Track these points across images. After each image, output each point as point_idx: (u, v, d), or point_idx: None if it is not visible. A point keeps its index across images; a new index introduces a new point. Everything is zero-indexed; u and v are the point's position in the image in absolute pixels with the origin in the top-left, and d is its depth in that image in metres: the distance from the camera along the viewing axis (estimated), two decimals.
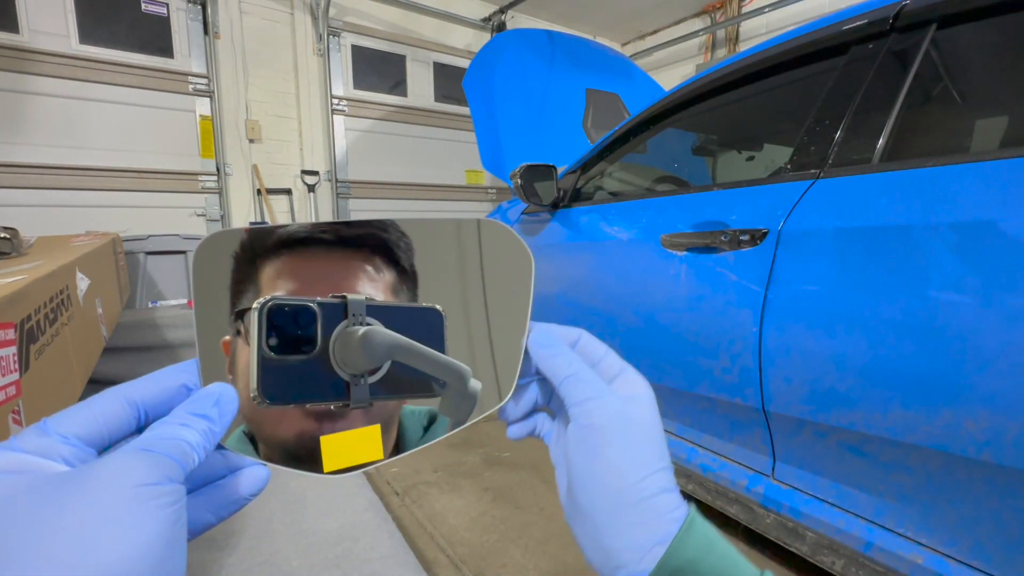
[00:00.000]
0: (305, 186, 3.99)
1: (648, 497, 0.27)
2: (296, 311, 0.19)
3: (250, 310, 0.20)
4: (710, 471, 1.18)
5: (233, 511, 0.25)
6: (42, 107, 3.04)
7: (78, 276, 1.16)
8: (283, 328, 0.20)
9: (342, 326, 0.20)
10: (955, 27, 0.89)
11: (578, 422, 0.28)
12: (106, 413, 0.22)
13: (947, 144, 0.97)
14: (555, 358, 0.30)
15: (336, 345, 0.20)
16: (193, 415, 0.23)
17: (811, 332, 0.89)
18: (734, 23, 4.47)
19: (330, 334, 0.20)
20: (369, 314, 0.21)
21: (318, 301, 0.20)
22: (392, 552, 1.16)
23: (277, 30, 3.83)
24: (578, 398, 0.28)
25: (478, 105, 2.42)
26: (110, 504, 0.18)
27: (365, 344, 0.20)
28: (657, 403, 0.31)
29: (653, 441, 0.29)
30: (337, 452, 0.23)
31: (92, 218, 3.16)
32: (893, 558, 0.85)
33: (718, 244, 1.07)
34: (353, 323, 0.20)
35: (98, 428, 0.21)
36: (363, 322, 0.20)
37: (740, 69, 1.23)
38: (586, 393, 0.28)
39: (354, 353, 0.20)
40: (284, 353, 0.20)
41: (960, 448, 0.73)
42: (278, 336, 0.20)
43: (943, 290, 0.74)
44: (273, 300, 0.20)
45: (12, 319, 0.69)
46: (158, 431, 0.22)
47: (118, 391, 0.23)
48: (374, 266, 0.23)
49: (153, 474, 0.19)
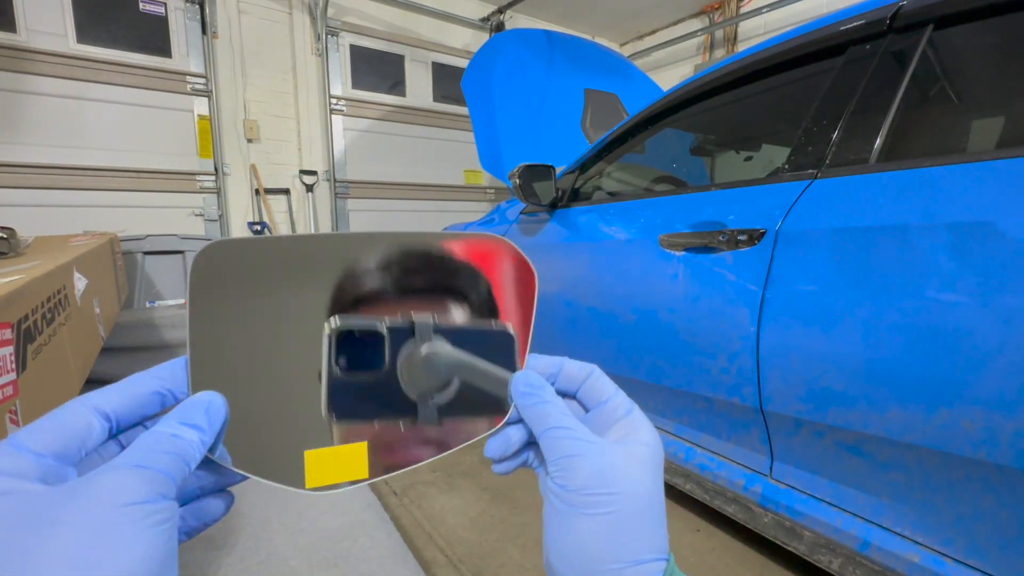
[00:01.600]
0: (303, 186, 3.99)
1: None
2: (365, 332, 0.20)
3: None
4: (708, 470, 1.18)
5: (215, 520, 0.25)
6: (40, 107, 3.03)
7: (76, 276, 1.16)
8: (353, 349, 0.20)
9: (410, 347, 0.21)
10: (952, 27, 0.90)
11: (555, 481, 0.25)
12: (77, 425, 0.21)
13: (944, 144, 0.98)
14: (536, 407, 0.27)
15: (403, 365, 0.21)
16: (183, 424, 0.22)
17: (809, 332, 0.90)
18: (732, 23, 4.48)
19: (397, 354, 0.21)
20: (436, 334, 0.21)
21: (387, 322, 0.20)
22: (390, 551, 1.16)
23: (275, 30, 3.82)
24: (558, 452, 0.25)
25: (477, 105, 2.42)
26: (104, 524, 0.17)
27: (428, 362, 0.21)
28: (663, 457, 0.27)
29: (643, 520, 0.24)
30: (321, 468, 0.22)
31: (90, 218, 3.16)
32: (890, 557, 0.85)
33: (716, 244, 1.08)
34: (420, 343, 0.21)
35: (70, 442, 0.20)
36: (432, 342, 0.21)
37: (738, 69, 1.23)
38: (567, 449, 0.25)
39: (419, 372, 0.21)
40: (352, 372, 0.20)
41: (957, 447, 0.74)
42: (347, 356, 0.20)
43: (940, 290, 0.74)
44: (343, 321, 0.20)
45: (9, 319, 0.69)
46: (149, 443, 0.20)
47: (86, 401, 0.22)
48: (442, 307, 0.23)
49: (146, 491, 0.19)
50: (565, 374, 0.29)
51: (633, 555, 0.23)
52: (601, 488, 0.24)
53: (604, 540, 0.23)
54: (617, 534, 0.23)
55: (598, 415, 0.28)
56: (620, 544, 0.23)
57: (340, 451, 0.22)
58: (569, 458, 0.25)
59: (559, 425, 0.26)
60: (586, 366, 0.29)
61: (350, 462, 0.23)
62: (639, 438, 0.27)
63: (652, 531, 0.24)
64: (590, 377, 0.29)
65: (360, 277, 0.22)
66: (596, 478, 0.24)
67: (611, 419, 0.28)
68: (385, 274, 0.22)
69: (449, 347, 0.21)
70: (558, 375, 0.29)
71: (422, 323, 0.21)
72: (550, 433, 0.26)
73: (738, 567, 1.20)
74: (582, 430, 0.26)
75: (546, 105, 2.44)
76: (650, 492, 0.25)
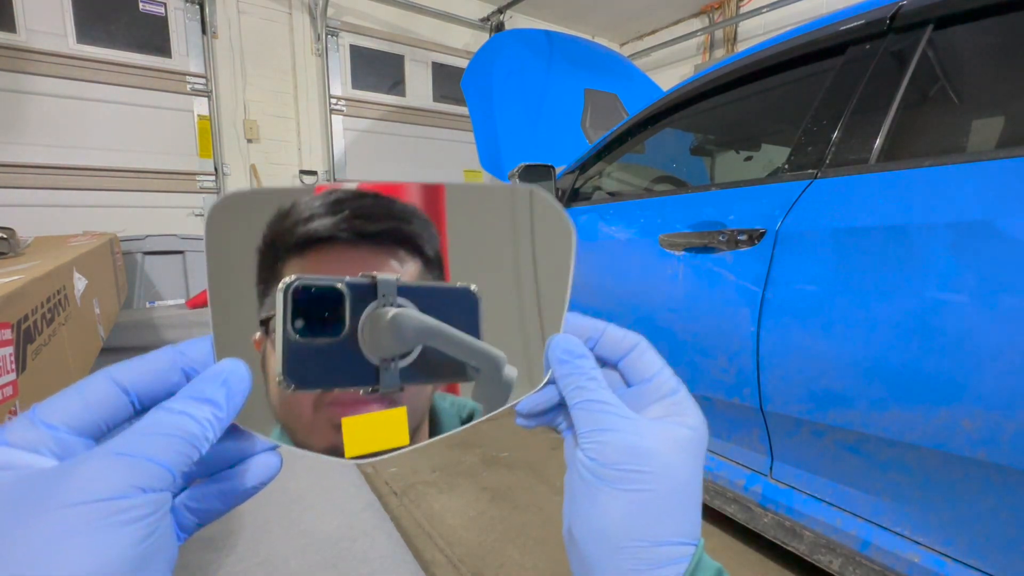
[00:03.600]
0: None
1: (649, 570, 0.22)
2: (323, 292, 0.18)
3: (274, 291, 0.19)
4: (708, 470, 1.18)
5: (244, 499, 0.23)
6: (39, 107, 3.03)
7: (75, 276, 1.16)
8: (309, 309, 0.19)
9: (371, 308, 0.19)
10: (952, 27, 0.90)
11: (586, 454, 0.24)
12: (98, 399, 0.20)
13: (944, 144, 0.97)
14: (572, 376, 0.25)
15: (365, 328, 0.19)
16: (196, 400, 0.20)
17: (809, 332, 0.90)
18: (732, 23, 4.48)
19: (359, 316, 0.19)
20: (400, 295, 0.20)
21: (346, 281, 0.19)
22: (390, 552, 1.16)
23: (275, 30, 3.82)
24: (589, 425, 0.24)
25: (476, 105, 2.42)
26: (63, 523, 0.16)
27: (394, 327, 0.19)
28: (707, 443, 0.26)
29: (675, 502, 0.23)
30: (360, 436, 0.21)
31: (89, 218, 3.15)
32: (890, 557, 0.85)
33: (716, 244, 1.08)
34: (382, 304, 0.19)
35: (91, 415, 0.19)
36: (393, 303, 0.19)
37: (738, 69, 1.23)
38: (601, 422, 0.24)
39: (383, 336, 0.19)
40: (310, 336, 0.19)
41: (957, 447, 0.74)
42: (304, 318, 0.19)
43: (940, 290, 0.74)
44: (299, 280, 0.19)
45: (9, 319, 0.69)
46: (146, 425, 0.19)
47: (108, 373, 0.20)
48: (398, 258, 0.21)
49: (118, 485, 0.17)
50: (607, 341, 0.27)
51: (660, 536, 0.23)
52: (634, 465, 0.23)
53: (633, 518, 0.23)
54: (646, 513, 0.23)
55: (641, 391, 0.27)
56: (648, 524, 0.23)
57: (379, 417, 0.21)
58: (603, 431, 0.24)
59: (596, 399, 0.25)
60: (632, 335, 0.27)
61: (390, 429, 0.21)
62: (683, 420, 0.25)
63: (683, 514, 0.24)
64: (635, 349, 0.27)
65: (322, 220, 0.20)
66: (630, 454, 0.23)
67: (654, 396, 0.26)
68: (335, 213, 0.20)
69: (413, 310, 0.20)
70: (599, 340, 0.27)
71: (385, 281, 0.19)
72: (585, 405, 0.25)
73: (738, 567, 1.20)
74: (619, 406, 0.25)
75: (546, 105, 2.44)
76: (686, 475, 0.24)
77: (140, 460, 0.18)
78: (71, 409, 0.19)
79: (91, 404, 0.20)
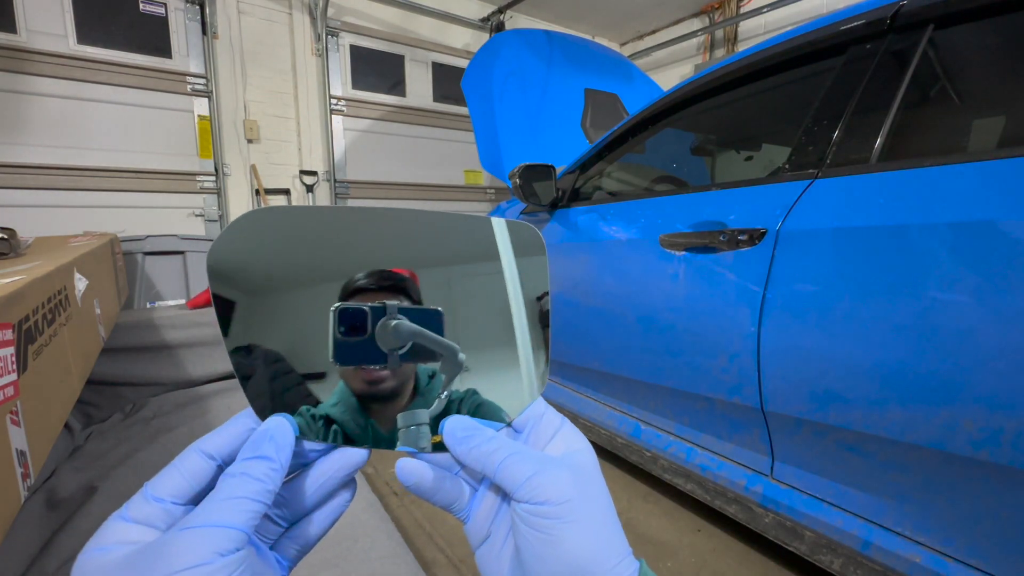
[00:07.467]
0: (303, 186, 3.99)
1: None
2: (356, 311, 0.31)
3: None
4: (709, 471, 1.18)
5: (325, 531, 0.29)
6: (40, 107, 3.03)
7: (76, 276, 1.16)
8: (348, 321, 0.31)
9: (383, 320, 0.31)
10: (953, 27, 0.90)
11: (529, 502, 0.25)
12: (191, 469, 0.25)
13: (945, 144, 0.97)
14: (479, 448, 0.27)
15: (379, 331, 0.31)
16: (251, 460, 0.24)
17: (809, 332, 0.90)
18: (732, 23, 4.48)
19: (375, 325, 0.31)
20: (399, 313, 0.32)
21: (368, 305, 0.31)
22: (391, 552, 1.16)
23: (275, 30, 3.82)
24: (522, 476, 0.25)
25: (477, 105, 2.42)
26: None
27: (395, 331, 0.31)
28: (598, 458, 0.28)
29: (613, 520, 0.26)
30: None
31: (90, 218, 3.16)
32: (891, 557, 0.85)
33: (716, 244, 1.08)
34: (389, 318, 0.31)
35: (188, 484, 0.24)
36: (395, 318, 0.31)
37: (738, 69, 1.23)
38: (531, 469, 0.26)
39: (389, 336, 0.31)
40: (348, 336, 0.31)
41: (958, 447, 0.74)
42: (345, 325, 0.31)
43: (940, 290, 0.74)
44: (341, 305, 0.31)
45: (10, 319, 0.69)
46: (220, 490, 0.23)
47: (196, 446, 0.25)
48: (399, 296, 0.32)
49: (202, 554, 0.21)
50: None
51: (616, 554, 0.25)
52: (574, 494, 0.25)
53: (590, 546, 0.24)
54: (599, 537, 0.25)
55: (535, 431, 0.30)
56: (604, 546, 0.25)
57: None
58: (536, 475, 0.25)
59: (511, 453, 0.26)
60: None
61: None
62: (580, 448, 0.28)
63: (619, 529, 0.26)
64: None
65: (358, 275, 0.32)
66: (568, 486, 0.25)
67: (546, 436, 0.29)
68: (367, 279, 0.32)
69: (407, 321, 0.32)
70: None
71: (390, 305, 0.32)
72: (507, 463, 0.26)
73: (739, 567, 1.20)
74: (532, 450, 0.27)
75: (546, 105, 2.43)
76: (606, 493, 0.27)
77: (214, 529, 0.22)
78: (172, 483, 0.24)
79: (187, 475, 0.25)
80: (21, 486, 0.67)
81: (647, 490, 1.55)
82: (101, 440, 1.62)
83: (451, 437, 0.28)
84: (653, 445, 1.33)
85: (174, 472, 0.24)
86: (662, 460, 1.31)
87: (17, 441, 0.67)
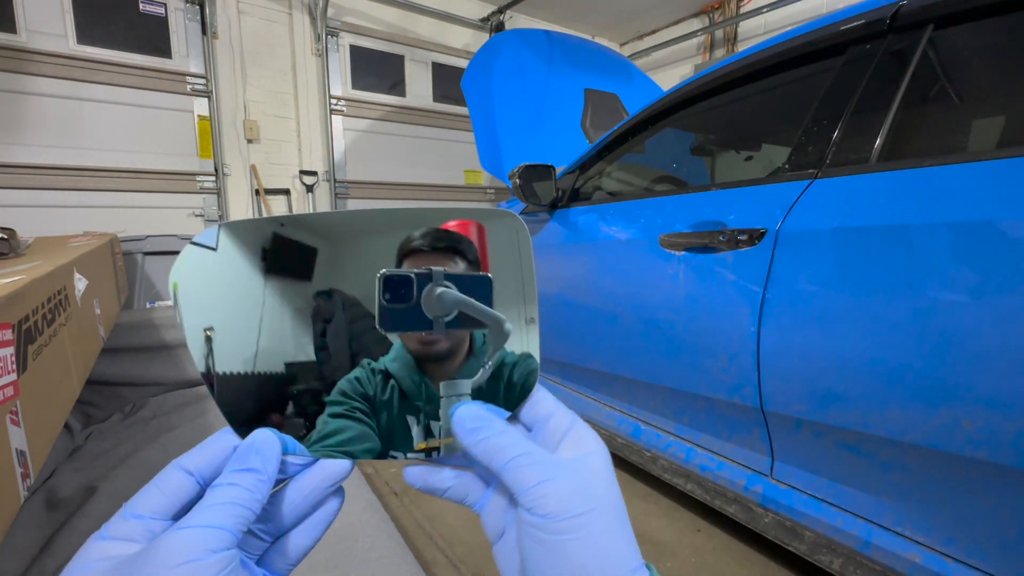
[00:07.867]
0: (303, 186, 3.99)
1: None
2: (401, 278, 0.31)
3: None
4: (709, 471, 1.18)
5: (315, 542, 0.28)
6: (40, 107, 3.03)
7: (76, 277, 1.16)
8: (393, 287, 0.31)
9: (428, 287, 0.31)
10: (952, 27, 0.90)
11: (532, 512, 0.24)
12: (171, 486, 0.25)
13: (944, 144, 0.97)
14: (488, 441, 0.26)
15: (424, 299, 0.31)
16: (239, 471, 0.25)
17: (809, 332, 0.90)
18: (732, 23, 4.48)
19: (421, 292, 0.31)
20: (445, 279, 0.31)
21: (414, 272, 0.31)
22: (391, 552, 1.16)
23: (275, 30, 3.82)
24: (528, 482, 0.24)
25: (477, 105, 2.42)
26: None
27: (439, 300, 0.31)
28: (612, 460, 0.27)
29: (623, 528, 0.25)
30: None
31: (90, 218, 3.15)
32: (891, 557, 0.85)
33: (716, 244, 1.08)
34: (436, 286, 0.31)
35: (168, 500, 0.24)
36: (442, 284, 0.31)
37: (738, 69, 1.23)
38: (538, 475, 0.24)
39: (435, 304, 0.31)
40: (392, 303, 0.31)
41: (957, 447, 0.74)
42: (390, 292, 0.30)
43: (940, 290, 0.74)
44: (388, 271, 0.31)
45: (10, 319, 0.69)
46: (210, 498, 0.24)
47: (176, 464, 0.26)
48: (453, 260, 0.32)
49: (195, 551, 0.21)
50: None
51: (625, 564, 0.24)
52: (582, 507, 0.24)
53: (597, 559, 0.23)
54: (607, 549, 0.24)
55: (544, 433, 0.28)
56: (611, 558, 0.24)
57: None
58: (543, 483, 0.24)
59: (520, 453, 0.25)
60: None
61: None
62: (593, 450, 0.27)
63: (630, 538, 0.25)
64: (533, 395, 0.29)
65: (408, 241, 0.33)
66: (575, 499, 0.24)
67: (557, 435, 0.28)
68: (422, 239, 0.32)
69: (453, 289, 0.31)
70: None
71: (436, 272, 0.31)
72: (514, 463, 0.25)
73: (739, 567, 1.20)
74: (542, 453, 0.26)
75: (546, 105, 2.43)
76: (616, 500, 0.25)
77: (206, 529, 0.22)
78: (152, 500, 0.24)
79: (167, 492, 0.25)
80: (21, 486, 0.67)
81: (647, 490, 1.55)
82: (101, 440, 1.63)
83: (460, 427, 0.27)
84: (653, 445, 1.33)
85: (154, 490, 0.25)
86: (662, 460, 1.31)
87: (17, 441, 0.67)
